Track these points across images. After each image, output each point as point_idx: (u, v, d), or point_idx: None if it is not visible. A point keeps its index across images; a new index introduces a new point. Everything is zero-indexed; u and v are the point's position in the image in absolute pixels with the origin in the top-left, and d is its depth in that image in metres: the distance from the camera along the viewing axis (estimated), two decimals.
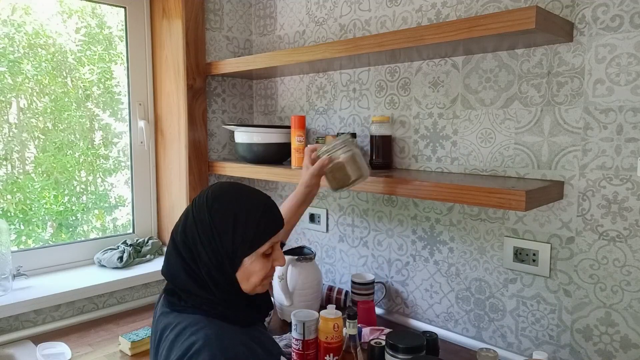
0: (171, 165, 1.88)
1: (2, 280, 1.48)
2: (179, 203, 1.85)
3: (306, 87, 1.80)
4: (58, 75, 1.73)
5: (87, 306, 1.61)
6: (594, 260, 1.16)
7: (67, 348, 1.34)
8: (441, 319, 1.47)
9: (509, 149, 1.28)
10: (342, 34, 1.65)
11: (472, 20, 1.07)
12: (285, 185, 1.93)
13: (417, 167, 1.48)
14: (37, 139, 1.71)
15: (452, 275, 1.43)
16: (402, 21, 1.48)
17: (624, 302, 1.12)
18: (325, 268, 1.81)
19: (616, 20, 1.09)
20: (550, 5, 1.18)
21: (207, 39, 1.84)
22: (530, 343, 1.29)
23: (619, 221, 1.12)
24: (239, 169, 1.70)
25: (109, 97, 1.86)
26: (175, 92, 1.82)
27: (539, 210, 1.24)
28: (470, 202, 1.09)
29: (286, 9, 1.84)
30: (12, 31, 1.61)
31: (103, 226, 1.91)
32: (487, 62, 1.31)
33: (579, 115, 1.16)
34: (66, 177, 1.78)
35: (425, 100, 1.44)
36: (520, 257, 1.28)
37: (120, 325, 1.55)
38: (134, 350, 1.33)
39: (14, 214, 1.67)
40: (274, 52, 1.56)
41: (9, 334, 1.43)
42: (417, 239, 1.51)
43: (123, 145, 1.91)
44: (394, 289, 1.59)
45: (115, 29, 1.86)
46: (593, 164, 1.14)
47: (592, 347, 1.18)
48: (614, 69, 1.10)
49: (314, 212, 1.82)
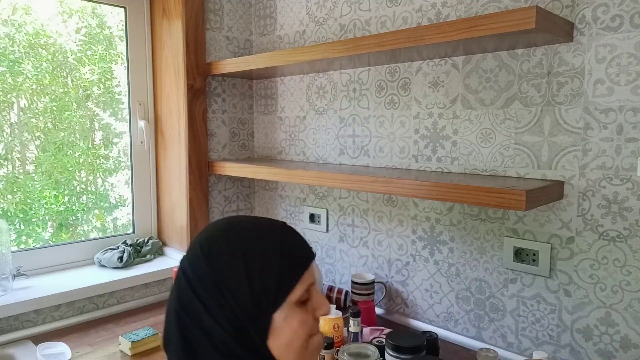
0: (171, 165, 1.88)
1: (2, 280, 1.48)
2: (179, 203, 1.85)
3: (306, 87, 1.80)
4: (58, 75, 1.73)
5: (87, 306, 1.61)
6: (594, 260, 1.16)
7: (67, 348, 1.34)
8: (441, 319, 1.47)
9: (509, 149, 1.28)
10: (342, 34, 1.65)
11: (472, 20, 1.07)
12: (285, 185, 1.93)
13: (417, 167, 1.48)
14: (37, 139, 1.71)
15: (452, 275, 1.43)
16: (402, 21, 1.48)
17: (624, 302, 1.12)
18: (325, 268, 1.81)
19: (616, 20, 1.09)
20: (550, 5, 1.18)
21: (207, 39, 1.84)
22: (530, 343, 1.29)
23: (619, 221, 1.12)
24: (239, 169, 1.70)
25: (109, 97, 1.86)
26: (175, 92, 1.82)
27: (539, 210, 1.24)
28: (470, 202, 1.09)
29: (286, 9, 1.85)
30: (13, 31, 1.61)
31: (103, 226, 1.91)
32: (487, 62, 1.31)
33: (579, 115, 1.16)
34: (66, 177, 1.78)
35: (425, 100, 1.44)
36: (520, 257, 1.28)
37: (120, 325, 1.55)
38: (134, 350, 1.33)
39: (14, 213, 1.67)
40: (274, 52, 1.56)
41: (9, 334, 1.43)
42: (417, 239, 1.51)
43: (123, 145, 1.91)
44: (394, 289, 1.59)
45: (116, 29, 1.86)
46: (593, 164, 1.14)
47: (592, 347, 1.18)
48: (614, 69, 1.10)
49: (314, 212, 1.82)
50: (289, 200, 1.92)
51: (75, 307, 1.58)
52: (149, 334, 1.37)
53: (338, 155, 1.71)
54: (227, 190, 1.96)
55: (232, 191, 1.98)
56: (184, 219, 1.84)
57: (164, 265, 1.79)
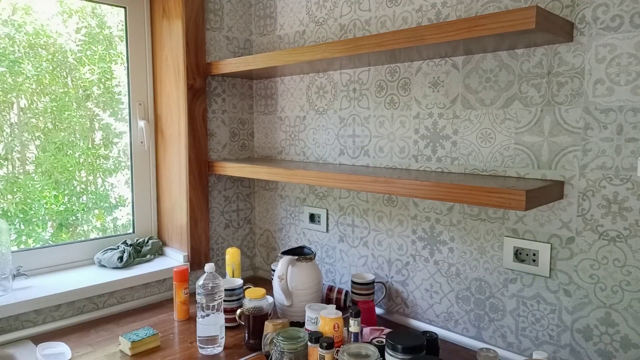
0: (171, 165, 1.88)
1: (2, 280, 1.48)
2: (179, 203, 1.86)
3: (306, 87, 1.80)
4: (58, 75, 1.73)
5: (87, 306, 1.61)
6: (594, 260, 1.16)
7: (67, 348, 1.34)
8: (441, 319, 1.47)
9: (509, 149, 1.28)
10: (342, 34, 1.65)
11: (472, 20, 1.07)
12: (285, 185, 1.93)
13: (417, 167, 1.48)
14: (37, 139, 1.71)
15: (452, 275, 1.43)
16: (402, 21, 1.48)
17: (624, 302, 1.12)
18: (325, 268, 1.81)
19: (616, 20, 1.09)
20: (550, 5, 1.18)
21: (207, 39, 1.84)
22: (530, 343, 1.29)
23: (619, 221, 1.12)
24: (239, 169, 1.70)
25: (109, 97, 1.86)
26: (175, 92, 1.82)
27: (539, 210, 1.24)
28: (470, 202, 1.09)
29: (286, 9, 1.85)
30: (13, 31, 1.61)
31: (103, 226, 1.91)
32: (487, 62, 1.31)
33: (579, 115, 1.16)
34: (66, 177, 1.78)
35: (425, 100, 1.44)
36: (521, 257, 1.28)
37: (120, 325, 1.55)
38: (134, 350, 1.33)
39: (14, 213, 1.67)
40: (274, 52, 1.56)
41: (9, 334, 1.44)
42: (417, 239, 1.51)
43: (123, 145, 1.91)
44: (394, 289, 1.59)
45: (116, 29, 1.86)
46: (593, 164, 1.14)
47: (592, 347, 1.18)
48: (614, 69, 1.10)
49: (314, 212, 1.82)
50: (289, 200, 1.92)
51: (75, 307, 1.58)
52: (149, 334, 1.37)
53: (338, 155, 1.71)
54: (227, 190, 1.96)
55: (232, 191, 1.98)
56: (184, 219, 1.84)
57: (164, 265, 1.79)
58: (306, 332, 1.21)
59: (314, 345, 1.16)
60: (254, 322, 1.37)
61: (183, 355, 1.34)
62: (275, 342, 1.18)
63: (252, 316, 1.36)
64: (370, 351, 1.09)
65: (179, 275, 1.58)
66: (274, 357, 1.18)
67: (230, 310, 1.50)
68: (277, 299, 1.52)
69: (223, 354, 1.36)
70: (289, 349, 1.16)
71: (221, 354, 1.35)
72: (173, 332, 1.49)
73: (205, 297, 1.34)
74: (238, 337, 1.46)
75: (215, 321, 1.35)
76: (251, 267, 2.10)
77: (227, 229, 1.98)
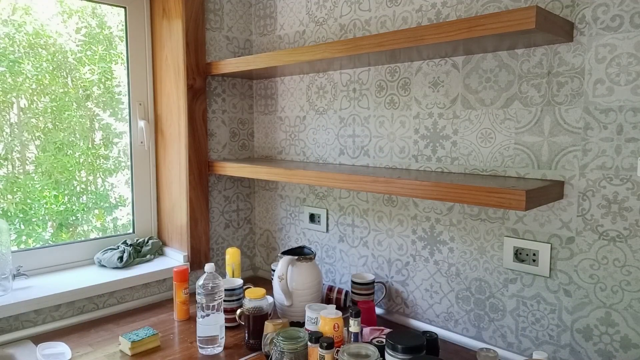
0: (171, 165, 1.88)
1: (2, 280, 1.48)
2: (179, 203, 1.86)
3: (306, 87, 1.80)
4: (58, 75, 1.73)
5: (87, 306, 1.61)
6: (594, 260, 1.16)
7: (67, 348, 1.34)
8: (441, 319, 1.47)
9: (509, 149, 1.28)
10: (342, 34, 1.65)
11: (472, 20, 1.07)
12: (285, 185, 1.93)
13: (417, 167, 1.48)
14: (37, 139, 1.71)
15: (452, 275, 1.43)
16: (402, 21, 1.48)
17: (624, 302, 1.12)
18: (325, 268, 1.81)
19: (616, 20, 1.09)
20: (550, 5, 1.18)
21: (207, 39, 1.84)
22: (530, 343, 1.29)
23: (619, 221, 1.12)
24: (239, 169, 1.70)
25: (109, 97, 1.86)
26: (175, 92, 1.82)
27: (539, 210, 1.24)
28: (470, 202, 1.09)
29: (286, 9, 1.85)
30: (13, 31, 1.61)
31: (103, 226, 1.91)
32: (487, 62, 1.31)
33: (579, 115, 1.16)
34: (66, 177, 1.78)
35: (425, 100, 1.44)
36: (520, 257, 1.28)
37: (120, 325, 1.55)
38: (134, 350, 1.34)
39: (14, 213, 1.67)
40: (274, 52, 1.56)
41: (9, 334, 1.44)
42: (417, 239, 1.51)
43: (123, 145, 1.91)
44: (394, 289, 1.59)
45: (116, 29, 1.86)
46: (593, 164, 1.14)
47: (592, 347, 1.18)
48: (614, 69, 1.10)
49: (314, 212, 1.82)
50: (289, 200, 1.92)
51: (75, 307, 1.58)
52: (149, 334, 1.37)
53: (338, 155, 1.71)
54: (227, 190, 1.96)
55: (232, 191, 1.98)
56: (184, 219, 1.84)
57: (164, 265, 1.79)
58: (306, 332, 1.21)
59: (314, 345, 1.16)
60: (254, 322, 1.37)
61: (183, 355, 1.34)
62: (275, 342, 1.18)
63: (252, 316, 1.36)
64: (370, 351, 1.09)
65: (179, 275, 1.58)
66: (274, 357, 1.18)
67: (230, 310, 1.50)
68: (277, 299, 1.52)
69: (223, 354, 1.36)
70: (289, 349, 1.16)
71: (221, 354, 1.35)
72: (173, 332, 1.49)
73: (205, 297, 1.34)
74: (238, 337, 1.46)
75: (215, 321, 1.35)
76: (251, 267, 2.10)
77: (227, 229, 1.98)
